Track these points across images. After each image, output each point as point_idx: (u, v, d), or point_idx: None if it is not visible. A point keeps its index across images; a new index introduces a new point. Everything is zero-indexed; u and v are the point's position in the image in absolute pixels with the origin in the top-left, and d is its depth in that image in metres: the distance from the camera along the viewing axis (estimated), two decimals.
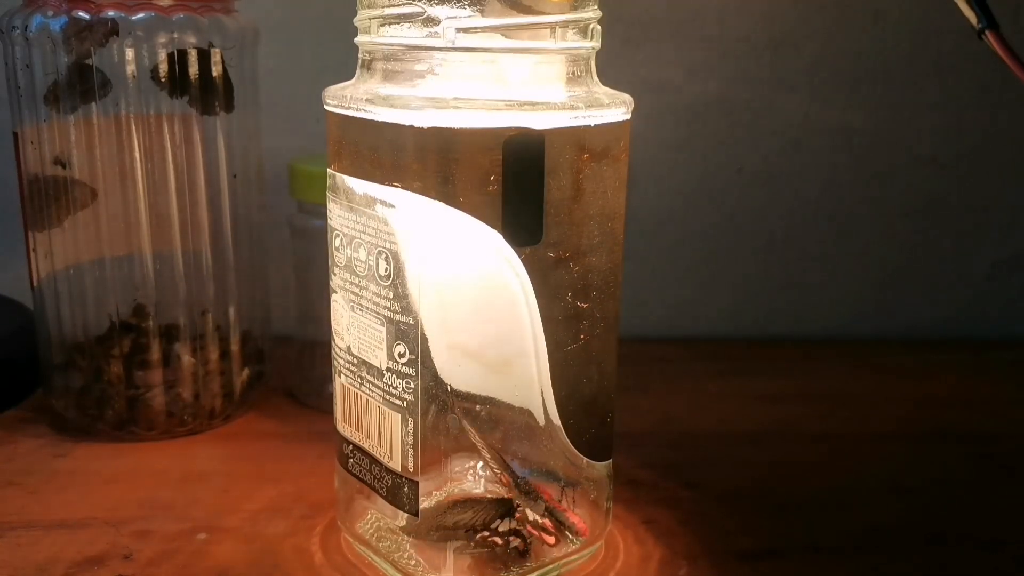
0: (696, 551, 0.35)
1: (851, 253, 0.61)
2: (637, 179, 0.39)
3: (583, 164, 0.30)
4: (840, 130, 0.58)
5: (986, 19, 0.31)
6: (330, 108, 0.31)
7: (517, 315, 0.30)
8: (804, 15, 0.57)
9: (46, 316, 0.44)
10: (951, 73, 0.58)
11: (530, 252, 0.29)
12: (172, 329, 0.43)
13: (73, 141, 0.41)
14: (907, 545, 0.36)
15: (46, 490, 0.39)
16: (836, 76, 0.57)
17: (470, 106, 0.28)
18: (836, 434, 0.46)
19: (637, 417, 0.47)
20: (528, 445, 0.32)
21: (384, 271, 0.30)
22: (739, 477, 0.41)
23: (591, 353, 0.32)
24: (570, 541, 0.33)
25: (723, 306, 0.61)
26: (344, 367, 0.33)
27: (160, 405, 0.43)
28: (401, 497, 0.31)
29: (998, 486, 0.41)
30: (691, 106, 0.58)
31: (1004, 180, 0.60)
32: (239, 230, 0.45)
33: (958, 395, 0.52)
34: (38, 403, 0.47)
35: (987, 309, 0.62)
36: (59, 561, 0.34)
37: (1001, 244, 0.61)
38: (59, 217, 0.42)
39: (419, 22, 0.29)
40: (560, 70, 0.30)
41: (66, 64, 0.40)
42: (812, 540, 0.36)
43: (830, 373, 0.55)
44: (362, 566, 0.34)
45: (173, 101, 0.41)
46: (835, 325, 0.62)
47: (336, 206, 0.31)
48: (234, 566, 0.34)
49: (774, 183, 0.59)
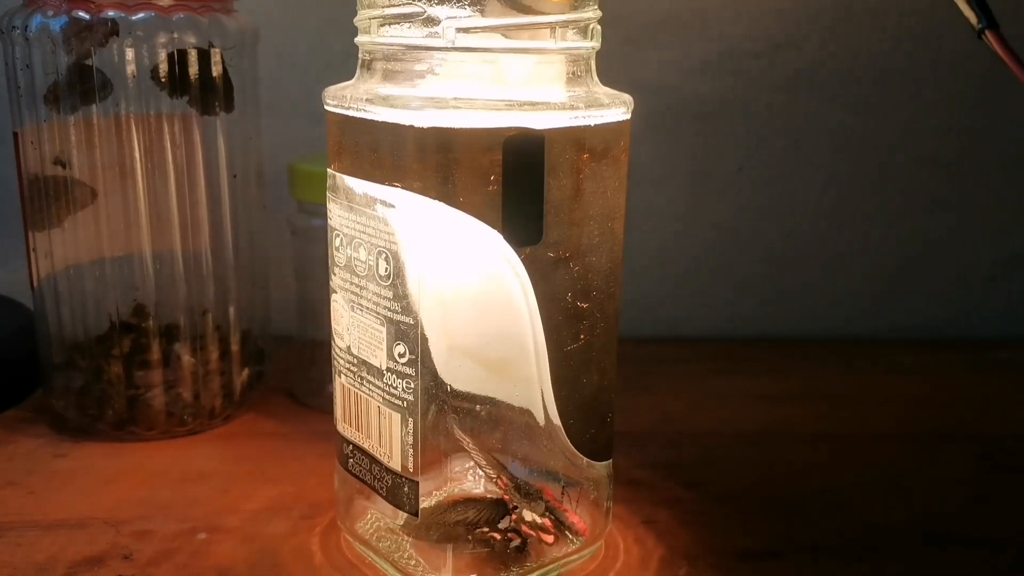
0: (696, 551, 0.35)
1: (851, 253, 0.61)
2: (637, 179, 0.39)
3: (583, 164, 0.30)
4: (840, 130, 0.58)
5: (986, 19, 0.31)
6: (330, 108, 0.31)
7: (517, 315, 0.30)
8: (804, 15, 0.56)
9: (46, 316, 0.44)
10: (951, 73, 0.58)
11: (530, 252, 0.29)
12: (172, 329, 0.43)
13: (73, 141, 0.41)
14: (907, 545, 0.36)
15: (46, 490, 0.39)
16: (836, 76, 0.57)
17: (470, 106, 0.28)
18: (836, 434, 0.46)
19: (637, 417, 0.47)
20: (528, 445, 0.32)
21: (384, 271, 0.30)
22: (739, 477, 0.41)
23: (591, 353, 0.32)
24: (570, 541, 0.33)
25: (723, 306, 0.61)
26: (344, 367, 0.33)
27: (160, 405, 0.43)
28: (401, 497, 0.31)
29: (998, 486, 0.41)
30: (691, 106, 0.58)
31: (1004, 180, 0.60)
32: (239, 230, 0.45)
33: (958, 395, 0.52)
34: (38, 403, 0.47)
35: (987, 309, 0.62)
36: (59, 561, 0.34)
37: (1001, 244, 0.61)
38: (59, 217, 0.42)
39: (419, 22, 0.29)
40: (560, 70, 0.30)
41: (66, 64, 0.40)
42: (812, 540, 0.36)
43: (830, 373, 0.55)
44: (362, 566, 0.34)
45: (173, 101, 0.41)
46: (835, 325, 0.62)
47: (336, 206, 0.31)
48: (234, 566, 0.34)
49: (774, 183, 0.59)
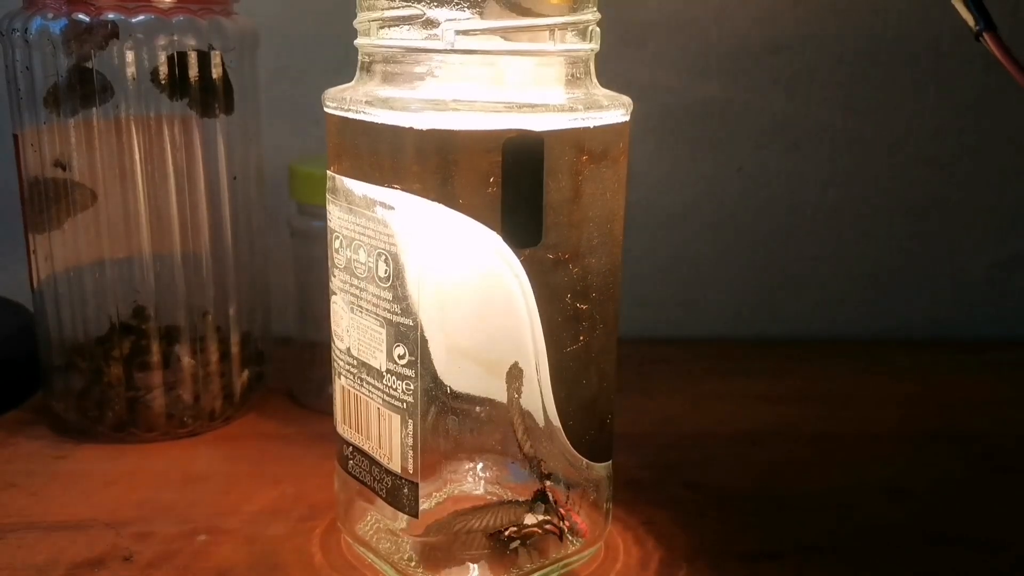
0: (696, 552, 0.35)
1: (850, 253, 0.61)
2: (636, 180, 0.39)
3: (582, 166, 0.30)
4: (840, 130, 0.58)
5: (984, 21, 0.31)
6: (330, 110, 0.31)
7: (517, 317, 0.30)
8: (804, 15, 0.56)
9: (46, 318, 0.44)
10: (951, 73, 0.58)
11: (529, 254, 0.29)
12: (172, 331, 0.43)
13: (73, 143, 0.41)
14: (906, 545, 0.36)
15: (46, 492, 0.39)
16: (836, 76, 0.57)
17: (469, 108, 0.28)
18: (836, 434, 0.46)
19: (637, 418, 0.47)
20: (528, 446, 0.32)
21: (384, 273, 0.30)
22: (739, 477, 0.42)
23: (591, 354, 0.32)
24: (570, 542, 0.33)
25: (723, 306, 0.61)
26: (344, 369, 0.33)
27: (160, 407, 0.43)
28: (401, 499, 0.31)
29: (997, 486, 0.41)
30: (690, 107, 0.58)
31: (1004, 180, 0.60)
32: (239, 232, 0.45)
33: (958, 395, 0.52)
34: (38, 405, 0.47)
35: (987, 309, 0.62)
36: (59, 563, 0.34)
37: (1001, 244, 0.61)
38: (59, 219, 0.42)
39: (418, 24, 0.29)
40: (559, 72, 0.30)
41: (66, 67, 0.40)
42: (812, 540, 0.36)
43: (830, 373, 0.55)
44: (362, 567, 0.34)
45: (173, 103, 0.41)
46: (835, 325, 0.62)
47: (336, 208, 0.31)
48: (234, 567, 0.34)
49: (774, 183, 0.59)
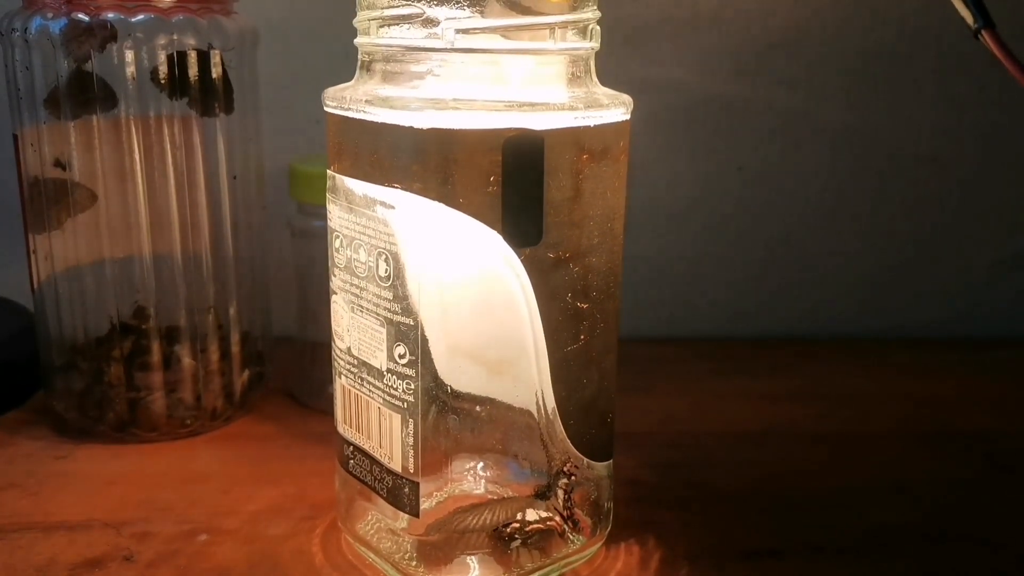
0: (697, 551, 0.35)
1: (851, 253, 0.61)
2: (637, 179, 0.39)
3: (583, 165, 0.30)
4: (840, 130, 0.58)
5: (982, 19, 0.31)
6: (330, 109, 0.31)
7: (517, 316, 0.30)
8: (804, 15, 0.57)
9: (47, 318, 0.44)
10: (951, 73, 0.58)
11: (530, 253, 0.29)
12: (172, 331, 0.43)
13: (73, 143, 0.41)
14: (907, 545, 0.36)
15: (47, 492, 0.39)
16: (836, 76, 0.57)
17: (470, 107, 0.28)
18: (836, 434, 0.46)
19: (637, 417, 0.47)
20: (528, 446, 0.32)
21: (384, 272, 0.30)
22: (740, 477, 0.41)
23: (591, 353, 0.32)
24: (571, 541, 0.33)
25: (723, 306, 0.61)
26: (344, 368, 0.33)
27: (161, 407, 0.43)
28: (402, 498, 0.31)
29: (998, 486, 0.41)
30: (691, 106, 0.58)
31: (1004, 180, 0.60)
32: (239, 231, 0.45)
33: (958, 395, 0.52)
34: (39, 405, 0.47)
35: (987, 309, 0.62)
36: (59, 563, 0.34)
37: (1001, 244, 0.61)
38: (59, 219, 0.42)
39: (418, 23, 0.29)
40: (560, 71, 0.30)
41: (66, 67, 0.40)
42: (812, 540, 0.36)
43: (830, 373, 0.55)
44: (363, 567, 0.34)
45: (173, 103, 0.41)
46: (835, 325, 0.62)
47: (336, 207, 0.31)
48: (235, 567, 0.34)
49: (774, 183, 0.59)
